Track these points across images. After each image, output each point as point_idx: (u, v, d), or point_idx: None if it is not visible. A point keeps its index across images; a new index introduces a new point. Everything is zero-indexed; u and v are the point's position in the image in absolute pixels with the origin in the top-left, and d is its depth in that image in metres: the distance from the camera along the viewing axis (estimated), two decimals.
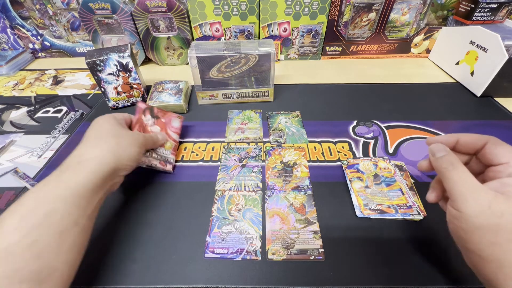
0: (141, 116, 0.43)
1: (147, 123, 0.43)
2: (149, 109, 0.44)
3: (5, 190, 0.44)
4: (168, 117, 0.47)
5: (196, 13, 0.71)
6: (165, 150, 0.45)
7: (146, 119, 0.43)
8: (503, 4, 0.66)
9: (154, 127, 0.44)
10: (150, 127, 0.43)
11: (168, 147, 0.45)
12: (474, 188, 0.23)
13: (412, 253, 0.34)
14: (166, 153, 0.45)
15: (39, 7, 0.76)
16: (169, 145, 0.45)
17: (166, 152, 0.45)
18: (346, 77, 0.71)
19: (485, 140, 0.27)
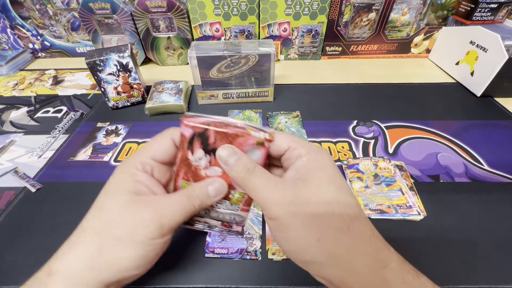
0: (186, 154, 0.24)
1: (198, 164, 0.24)
2: (200, 136, 0.23)
3: (5, 190, 0.44)
4: (240, 144, 0.23)
5: (196, 13, 0.71)
6: (231, 205, 0.26)
7: (195, 158, 0.24)
8: (503, 4, 0.66)
9: (210, 169, 0.24)
10: (204, 170, 0.24)
11: (236, 200, 0.26)
12: (275, 187, 0.20)
13: (412, 253, 0.34)
14: (233, 209, 0.26)
15: (39, 7, 0.76)
16: (238, 197, 0.26)
17: (233, 208, 0.26)
18: (346, 77, 0.71)
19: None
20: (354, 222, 0.19)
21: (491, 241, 0.35)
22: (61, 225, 0.39)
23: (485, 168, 0.45)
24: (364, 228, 0.20)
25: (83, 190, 0.43)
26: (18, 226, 0.39)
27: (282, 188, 0.20)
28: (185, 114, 0.23)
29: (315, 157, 0.21)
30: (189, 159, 0.24)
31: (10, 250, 0.36)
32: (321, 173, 0.21)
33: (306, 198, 0.19)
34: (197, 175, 0.25)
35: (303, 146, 0.22)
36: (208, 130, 0.22)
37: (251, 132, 0.22)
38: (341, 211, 0.19)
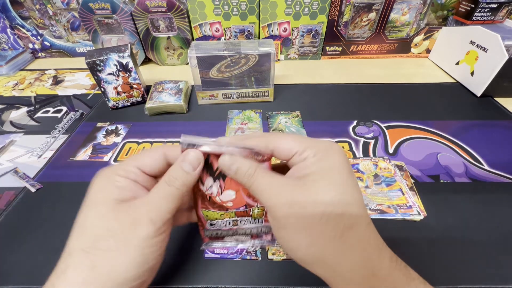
0: (198, 185, 0.24)
1: (211, 192, 0.24)
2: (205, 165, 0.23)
3: (5, 190, 0.44)
4: None
5: (196, 13, 0.71)
6: (254, 220, 0.26)
7: (206, 186, 0.24)
8: (503, 4, 0.66)
9: (225, 194, 0.24)
10: (219, 197, 0.25)
11: (257, 214, 0.26)
12: (276, 188, 0.20)
13: (412, 253, 0.34)
14: (257, 222, 0.26)
15: (39, 7, 0.76)
16: (258, 212, 0.25)
17: (256, 221, 0.26)
18: (346, 77, 0.71)
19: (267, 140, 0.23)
20: (349, 231, 0.19)
21: (491, 241, 0.35)
22: (61, 225, 0.39)
23: (485, 168, 0.45)
24: (360, 237, 0.20)
25: (83, 190, 0.43)
26: (18, 226, 0.39)
27: (283, 189, 0.20)
28: (183, 143, 0.22)
29: (321, 158, 0.21)
30: (202, 190, 0.25)
31: (10, 250, 0.36)
32: (324, 176, 0.20)
33: (304, 201, 0.19)
34: (213, 203, 0.25)
35: (310, 147, 0.21)
36: (210, 158, 0.23)
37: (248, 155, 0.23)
38: (337, 218, 0.19)
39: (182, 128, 0.55)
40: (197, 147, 0.22)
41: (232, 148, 0.22)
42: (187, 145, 0.22)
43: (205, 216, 0.26)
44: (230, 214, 0.26)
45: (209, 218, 0.26)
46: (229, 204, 0.25)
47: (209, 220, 0.26)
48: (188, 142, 0.22)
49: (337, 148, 0.21)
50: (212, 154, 0.23)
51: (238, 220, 0.26)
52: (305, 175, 0.20)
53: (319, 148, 0.21)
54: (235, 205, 0.25)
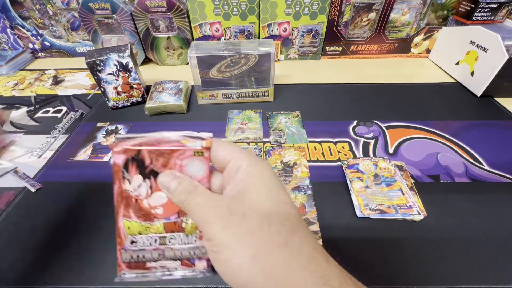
0: (123, 185, 0.21)
1: (139, 194, 0.21)
2: (134, 159, 0.21)
3: (5, 190, 0.44)
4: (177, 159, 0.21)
5: (196, 13, 0.71)
6: (187, 237, 0.22)
7: (134, 186, 0.21)
8: (503, 4, 0.66)
9: (153, 197, 0.21)
10: (147, 199, 0.21)
11: (191, 228, 0.22)
12: (212, 205, 0.19)
13: (412, 253, 0.34)
14: (190, 241, 0.22)
15: (39, 7, 0.75)
16: (192, 224, 0.22)
17: (190, 239, 0.22)
18: (346, 77, 0.71)
19: None
20: (293, 236, 0.18)
21: (491, 241, 0.35)
22: (61, 225, 0.39)
23: (485, 168, 0.45)
24: (304, 242, 0.18)
25: (83, 190, 0.43)
26: (18, 226, 0.39)
27: (218, 205, 0.19)
28: (114, 140, 0.20)
29: (254, 168, 0.20)
30: (127, 191, 0.21)
31: (10, 250, 0.36)
32: (259, 185, 0.20)
33: (241, 212, 0.18)
34: (139, 209, 0.21)
35: (244, 157, 0.21)
36: (142, 151, 0.20)
37: (186, 143, 0.21)
38: (278, 224, 0.18)
39: (182, 128, 0.55)
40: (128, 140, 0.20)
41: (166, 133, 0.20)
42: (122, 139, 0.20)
43: (127, 228, 0.21)
44: (157, 228, 0.22)
45: (131, 231, 0.21)
46: (159, 210, 0.21)
47: (130, 235, 0.21)
48: (124, 136, 0.20)
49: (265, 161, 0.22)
50: (146, 144, 0.20)
51: (166, 238, 0.22)
52: (240, 189, 0.19)
53: (250, 159, 0.21)
54: (165, 213, 0.22)
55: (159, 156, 0.21)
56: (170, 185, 0.20)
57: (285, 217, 0.19)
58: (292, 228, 0.18)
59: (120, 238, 0.22)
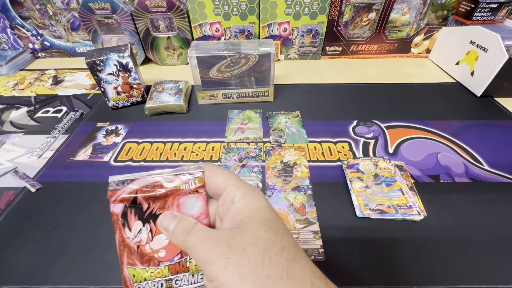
0: (124, 233, 0.21)
1: (140, 240, 0.22)
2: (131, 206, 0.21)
3: (5, 190, 0.44)
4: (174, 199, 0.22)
5: (196, 13, 0.71)
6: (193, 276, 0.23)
7: (134, 232, 0.22)
8: (503, 4, 0.66)
9: (155, 241, 0.22)
10: (148, 244, 0.22)
11: (195, 267, 0.23)
12: (211, 243, 0.19)
13: (412, 253, 0.34)
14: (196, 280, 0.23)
15: (39, 7, 0.75)
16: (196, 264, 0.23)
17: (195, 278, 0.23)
18: (346, 77, 0.71)
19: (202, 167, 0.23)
20: (293, 265, 0.18)
21: (491, 241, 0.35)
22: (61, 225, 0.39)
23: (485, 168, 0.45)
24: (304, 269, 0.18)
25: (83, 190, 0.43)
26: (18, 226, 0.39)
27: (218, 242, 0.19)
28: (110, 188, 0.20)
29: (249, 201, 0.20)
30: (128, 238, 0.21)
31: (10, 250, 0.36)
32: (256, 217, 0.20)
33: (241, 247, 0.18)
34: (142, 255, 0.22)
35: (238, 188, 0.21)
36: (138, 197, 0.21)
37: (180, 186, 0.21)
38: (278, 254, 0.18)
39: (182, 128, 0.55)
40: (128, 183, 0.20)
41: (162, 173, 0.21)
42: (116, 184, 0.20)
43: (132, 276, 0.21)
44: (162, 272, 0.22)
45: (136, 279, 0.22)
46: (161, 254, 0.22)
47: (136, 283, 0.22)
48: (117, 181, 0.20)
49: (259, 191, 0.22)
50: (141, 191, 0.21)
51: (172, 280, 0.22)
52: (238, 222, 0.20)
53: (245, 189, 0.21)
54: (168, 255, 0.22)
55: (156, 200, 0.21)
56: (169, 226, 0.21)
57: (284, 246, 0.19)
58: (291, 256, 0.18)
59: (126, 287, 0.22)
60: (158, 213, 0.21)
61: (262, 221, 0.19)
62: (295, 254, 0.19)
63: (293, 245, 0.19)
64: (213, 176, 0.22)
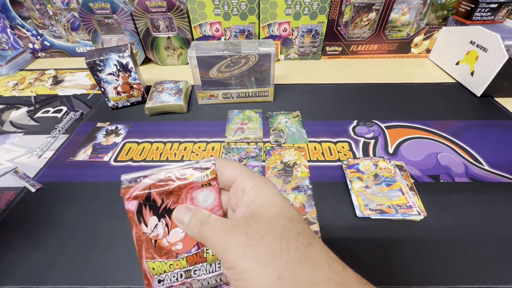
0: (141, 229, 0.22)
1: (157, 234, 0.22)
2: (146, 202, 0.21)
3: (5, 190, 0.44)
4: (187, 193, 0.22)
5: (196, 13, 0.71)
6: (210, 266, 0.23)
7: (151, 227, 0.22)
8: (503, 4, 0.66)
9: (171, 234, 0.22)
10: (166, 238, 0.22)
11: (212, 257, 0.23)
12: (227, 232, 0.19)
13: (412, 253, 0.34)
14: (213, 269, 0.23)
15: (39, 7, 0.75)
16: (213, 254, 0.23)
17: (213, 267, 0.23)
18: (346, 77, 0.71)
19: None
20: (310, 250, 0.18)
21: (491, 241, 0.35)
22: (61, 225, 0.39)
23: (485, 168, 0.45)
24: (321, 253, 0.19)
25: (83, 190, 0.43)
26: (18, 226, 0.39)
27: (234, 230, 0.19)
28: (123, 186, 0.20)
29: (261, 189, 0.21)
30: (145, 234, 0.22)
31: (10, 250, 0.36)
32: (269, 205, 0.20)
33: (258, 234, 0.18)
34: (160, 248, 0.22)
35: (249, 177, 0.21)
36: (151, 193, 0.21)
37: (192, 179, 0.21)
38: (295, 240, 0.18)
39: (182, 128, 0.55)
40: (141, 179, 0.21)
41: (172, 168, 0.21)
42: (128, 182, 0.20)
43: (151, 269, 0.22)
44: (181, 263, 0.22)
45: (156, 272, 0.22)
46: (179, 246, 0.22)
47: (156, 276, 0.22)
48: (129, 178, 0.20)
49: (269, 181, 0.22)
50: (154, 186, 0.21)
51: (191, 270, 0.23)
52: (251, 211, 0.20)
53: (255, 179, 0.21)
54: (185, 247, 0.22)
55: (169, 195, 0.21)
56: (184, 218, 0.21)
57: (300, 232, 0.19)
58: (308, 241, 0.19)
59: (147, 280, 0.22)
60: (172, 207, 0.22)
61: (277, 209, 0.20)
62: (310, 239, 0.19)
63: (308, 230, 0.19)
64: (223, 168, 0.22)
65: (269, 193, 0.21)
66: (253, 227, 0.19)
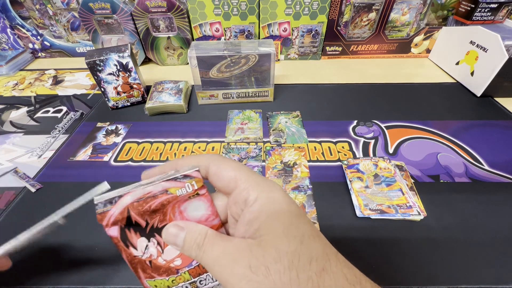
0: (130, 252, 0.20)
1: (150, 255, 0.20)
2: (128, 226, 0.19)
3: (5, 190, 0.44)
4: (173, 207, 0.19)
5: (196, 13, 0.71)
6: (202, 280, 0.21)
7: (141, 250, 0.20)
8: (503, 4, 0.66)
9: (168, 251, 0.20)
10: (161, 257, 0.20)
11: None
12: (229, 259, 0.17)
13: (412, 253, 0.34)
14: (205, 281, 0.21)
15: (39, 7, 0.75)
16: None
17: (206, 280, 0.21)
18: (346, 77, 0.71)
19: (205, 163, 0.20)
20: (324, 277, 0.16)
21: (491, 241, 0.35)
22: (60, 225, 0.38)
23: (485, 168, 0.45)
24: (336, 280, 0.16)
25: (83, 190, 0.43)
26: (18, 226, 0.39)
27: (236, 260, 0.17)
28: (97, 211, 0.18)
29: (266, 203, 0.18)
30: (137, 257, 0.20)
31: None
32: (276, 224, 0.17)
33: (264, 268, 0.16)
34: (158, 267, 0.20)
35: (252, 185, 0.18)
36: (131, 216, 0.18)
37: (175, 192, 0.18)
38: (306, 267, 0.16)
39: (182, 128, 0.55)
40: (116, 200, 0.18)
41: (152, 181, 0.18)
42: (103, 206, 0.18)
43: (154, 287, 0.20)
44: (184, 277, 0.20)
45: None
46: (177, 262, 0.20)
47: None
48: (103, 201, 0.18)
49: (276, 185, 0.19)
50: (133, 207, 0.18)
51: (196, 282, 0.21)
52: (256, 230, 0.17)
53: (260, 186, 0.18)
54: (184, 262, 0.20)
55: (153, 214, 0.19)
56: (176, 241, 0.19)
57: (312, 256, 0.16)
58: (321, 266, 0.16)
59: None
60: (161, 226, 0.19)
61: (285, 228, 0.17)
62: (324, 263, 0.16)
63: (321, 251, 0.17)
64: (221, 171, 0.19)
65: (276, 207, 0.18)
66: (258, 257, 0.16)
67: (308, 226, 0.18)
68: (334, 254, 0.17)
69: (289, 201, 0.18)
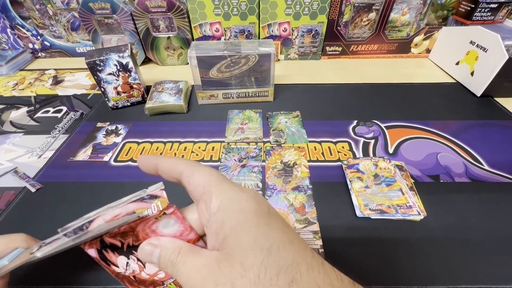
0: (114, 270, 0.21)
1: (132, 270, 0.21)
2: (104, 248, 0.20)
3: (5, 190, 0.44)
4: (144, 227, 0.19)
5: (196, 13, 0.71)
6: None
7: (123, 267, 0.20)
8: (503, 4, 0.66)
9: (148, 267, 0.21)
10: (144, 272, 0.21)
11: None
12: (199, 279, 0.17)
13: (412, 253, 0.34)
14: None
15: (39, 7, 0.75)
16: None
17: None
18: (346, 77, 0.71)
19: (181, 167, 0.19)
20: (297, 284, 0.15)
21: (491, 241, 0.35)
22: (60, 225, 0.38)
23: (485, 168, 0.45)
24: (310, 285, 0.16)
25: (83, 190, 0.43)
26: (18, 226, 0.39)
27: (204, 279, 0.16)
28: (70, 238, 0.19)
29: (230, 211, 0.17)
30: (121, 273, 0.20)
31: None
32: (242, 235, 0.16)
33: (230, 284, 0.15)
34: (143, 281, 0.21)
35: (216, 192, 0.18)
36: (105, 239, 0.19)
37: (142, 214, 0.18)
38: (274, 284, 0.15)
39: (182, 128, 0.55)
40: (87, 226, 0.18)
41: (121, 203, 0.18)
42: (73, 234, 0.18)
43: None
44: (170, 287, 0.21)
45: None
46: (161, 275, 0.21)
47: None
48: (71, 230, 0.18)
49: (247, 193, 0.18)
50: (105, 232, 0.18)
51: None
52: (220, 243, 0.17)
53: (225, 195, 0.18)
54: (168, 274, 0.21)
55: (125, 235, 0.19)
56: (152, 259, 0.19)
57: (280, 267, 0.16)
58: (290, 277, 0.15)
59: None
60: (136, 244, 0.19)
61: (250, 240, 0.16)
62: (294, 274, 0.16)
63: (291, 261, 0.16)
64: (191, 176, 0.19)
65: (241, 217, 0.17)
66: (225, 273, 0.16)
67: (278, 232, 0.17)
68: (306, 262, 0.16)
69: (257, 205, 0.17)
